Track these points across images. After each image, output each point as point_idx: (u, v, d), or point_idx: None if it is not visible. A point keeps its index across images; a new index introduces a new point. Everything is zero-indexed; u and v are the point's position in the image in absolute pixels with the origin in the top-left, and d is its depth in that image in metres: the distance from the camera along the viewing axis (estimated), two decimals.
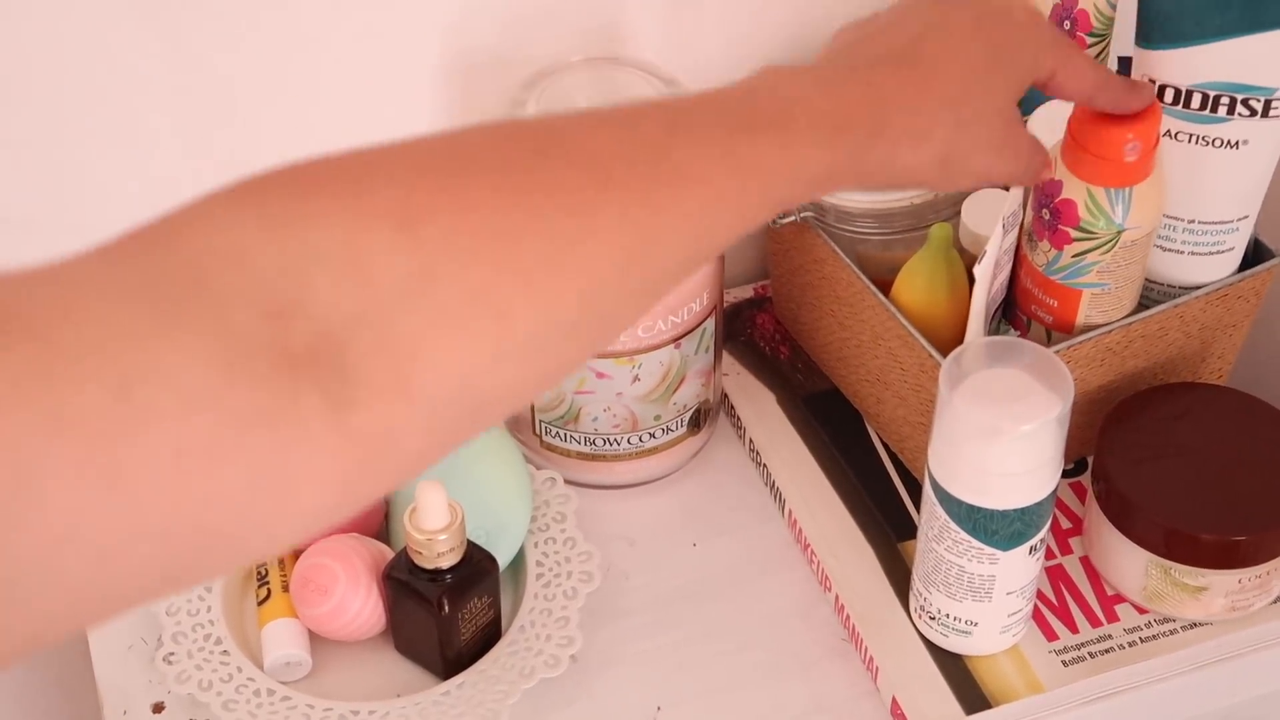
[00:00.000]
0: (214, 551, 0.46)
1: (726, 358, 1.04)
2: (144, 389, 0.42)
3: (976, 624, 0.86)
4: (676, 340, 0.93)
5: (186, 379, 0.43)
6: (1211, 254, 0.92)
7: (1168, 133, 0.87)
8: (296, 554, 0.93)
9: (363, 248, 0.48)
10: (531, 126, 0.57)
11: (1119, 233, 0.85)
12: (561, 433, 0.97)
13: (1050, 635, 0.89)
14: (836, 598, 0.93)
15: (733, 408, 1.03)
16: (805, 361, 1.04)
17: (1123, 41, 0.95)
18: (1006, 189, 0.83)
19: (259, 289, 0.46)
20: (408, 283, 0.48)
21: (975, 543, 0.83)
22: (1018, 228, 0.88)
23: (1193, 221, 0.90)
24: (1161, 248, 0.91)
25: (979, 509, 0.81)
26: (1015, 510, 0.81)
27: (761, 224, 0.62)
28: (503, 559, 0.91)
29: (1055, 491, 0.82)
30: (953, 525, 0.83)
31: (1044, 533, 0.84)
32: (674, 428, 0.98)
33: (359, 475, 0.48)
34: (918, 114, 0.67)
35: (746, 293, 1.10)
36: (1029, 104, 0.95)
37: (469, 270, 0.50)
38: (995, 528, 0.82)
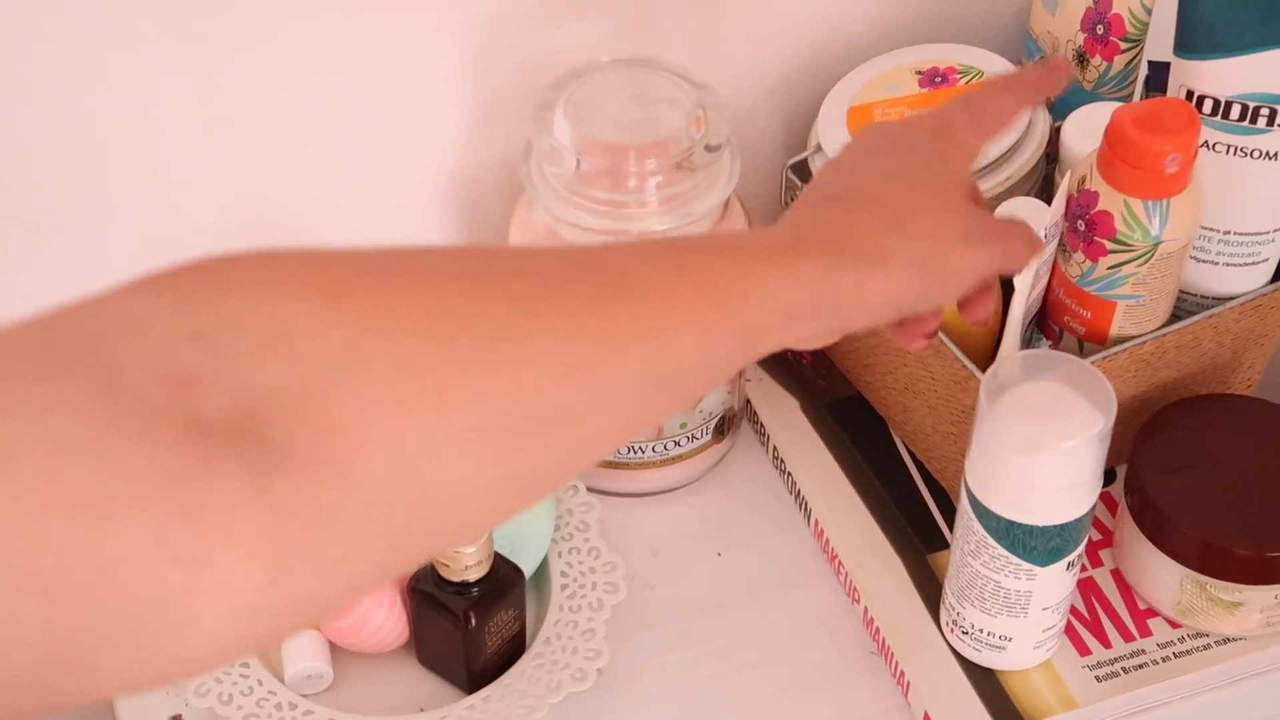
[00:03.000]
0: (117, 634, 0.42)
1: (750, 365, 1.02)
2: (9, 429, 0.40)
3: (1011, 639, 0.86)
4: None
5: (60, 425, 0.40)
6: (1246, 265, 0.91)
7: (1205, 144, 0.86)
8: None
9: (285, 318, 0.45)
10: (469, 247, 0.55)
11: (1155, 245, 0.84)
12: None
13: (1083, 650, 0.88)
14: (865, 610, 0.92)
15: (756, 414, 1.01)
16: (829, 367, 1.03)
17: (1155, 47, 0.94)
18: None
19: (161, 356, 0.43)
20: (336, 354, 0.46)
21: (1013, 559, 0.82)
22: (1058, 238, 0.87)
23: (1228, 233, 0.89)
24: (1196, 258, 0.90)
25: (1018, 525, 0.80)
26: (1055, 526, 0.80)
27: (743, 356, 0.60)
28: (526, 569, 0.90)
29: (1094, 507, 0.81)
30: (990, 540, 0.82)
31: (1082, 548, 0.83)
32: (699, 435, 0.97)
33: (290, 558, 0.44)
34: (870, 233, 0.65)
35: None
36: (1062, 109, 0.95)
37: (400, 341, 0.47)
38: (1034, 544, 0.81)
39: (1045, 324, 0.92)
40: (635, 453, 0.96)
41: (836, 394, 1.02)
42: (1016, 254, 0.72)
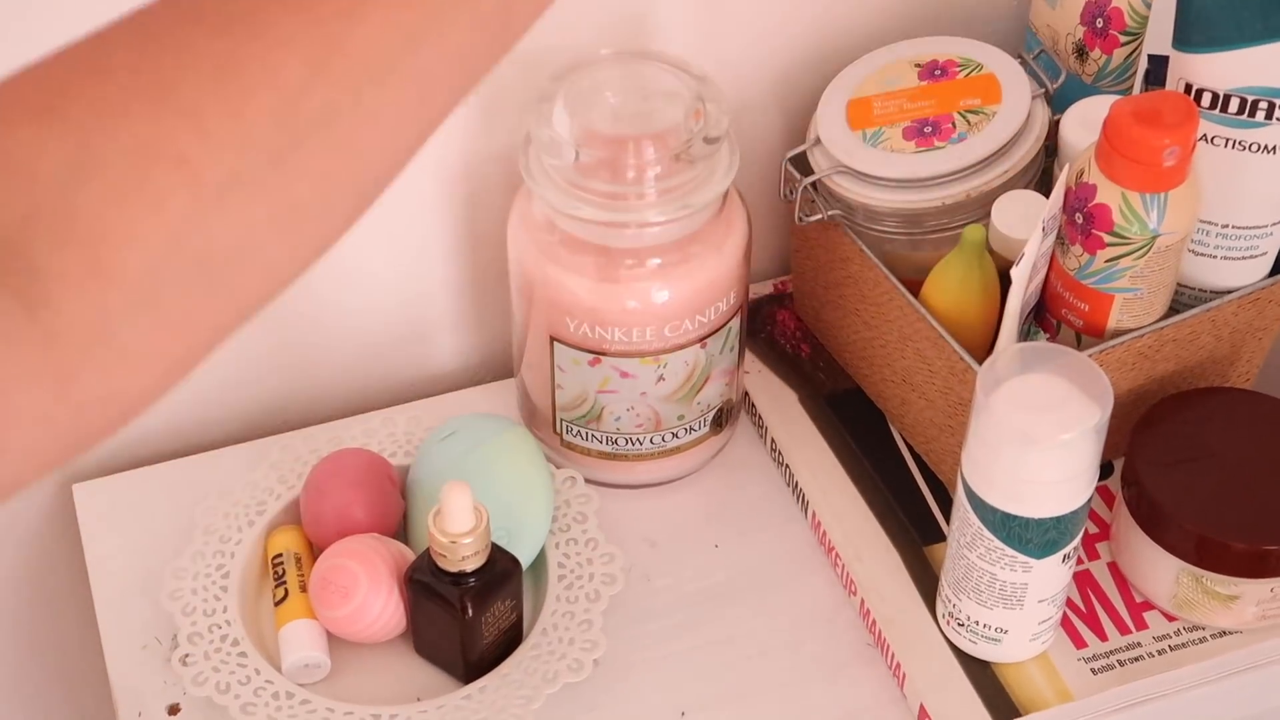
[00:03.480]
0: None
1: (747, 355, 1.02)
2: None
3: (1007, 631, 0.86)
4: (702, 340, 0.92)
5: None
6: (1244, 258, 0.91)
7: (1204, 137, 0.86)
8: (313, 553, 0.92)
9: (9, 145, 0.45)
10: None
11: (1153, 238, 0.84)
12: (583, 431, 0.96)
13: (1079, 643, 0.88)
14: (862, 602, 0.92)
15: (754, 406, 1.01)
16: (827, 360, 1.03)
17: (1155, 40, 0.94)
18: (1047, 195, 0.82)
19: None
20: (68, 165, 0.45)
21: (1009, 550, 0.82)
22: (1056, 231, 0.87)
23: (1227, 226, 0.89)
24: (1194, 252, 0.91)
25: (1014, 517, 0.81)
26: (1051, 519, 0.80)
27: (491, 34, 0.51)
28: (524, 560, 0.90)
29: (1091, 499, 0.82)
30: (986, 532, 0.82)
31: (1078, 540, 0.83)
32: (697, 427, 0.97)
33: (74, 370, 0.45)
34: None
35: (766, 289, 1.08)
36: (1061, 102, 0.95)
37: (127, 131, 0.45)
38: (1030, 536, 0.81)
39: (1043, 317, 0.92)
40: (633, 444, 0.96)
41: (835, 387, 1.02)
42: None
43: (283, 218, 0.48)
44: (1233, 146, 0.86)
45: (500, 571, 0.87)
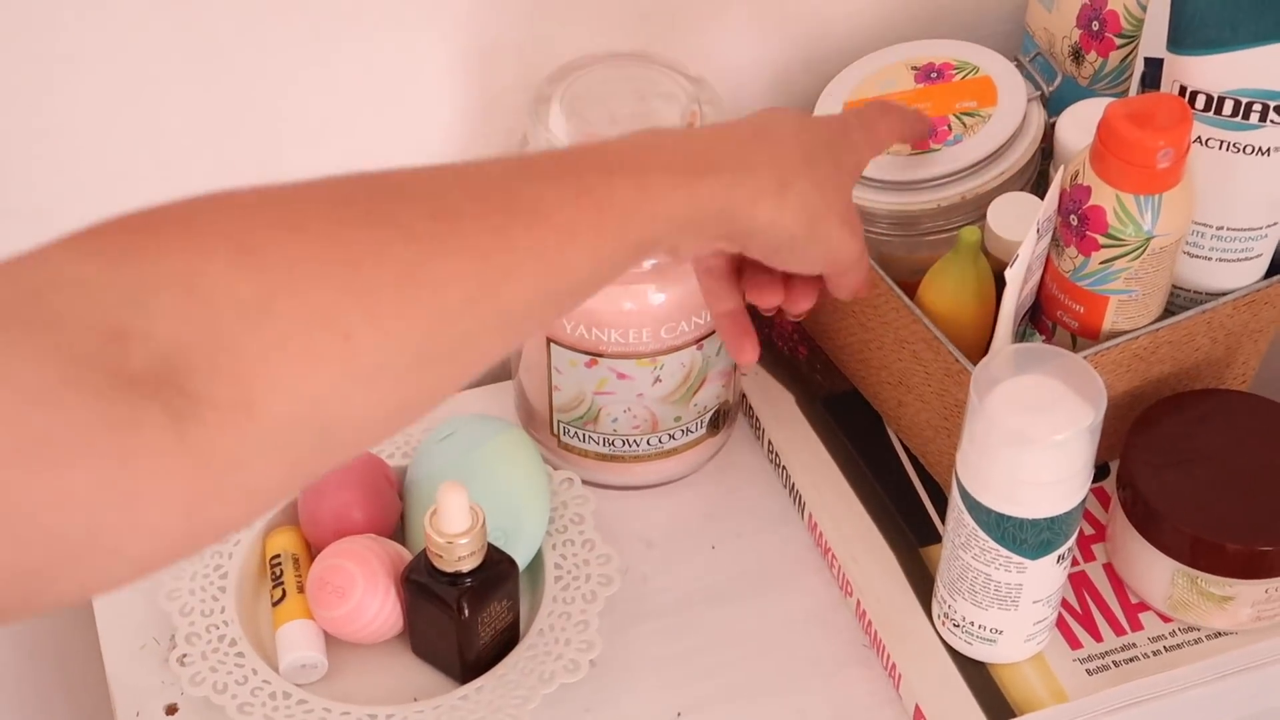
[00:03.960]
0: (63, 563, 0.46)
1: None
2: None
3: (1001, 632, 0.86)
4: (699, 341, 0.92)
5: (24, 380, 0.44)
6: (1239, 260, 0.91)
7: (1198, 139, 0.87)
8: (311, 554, 0.92)
9: (201, 274, 0.49)
10: (370, 174, 0.56)
11: (1148, 240, 0.84)
12: (580, 433, 0.96)
13: (1074, 643, 0.89)
14: (858, 603, 0.92)
15: (751, 409, 1.02)
16: (824, 362, 1.03)
17: (1151, 43, 0.94)
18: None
19: (96, 313, 0.47)
20: (247, 307, 0.49)
21: (1003, 551, 0.82)
22: (1051, 233, 0.87)
23: (1221, 228, 0.90)
24: (1189, 254, 0.91)
25: (1008, 517, 0.81)
26: (1045, 519, 0.81)
27: (630, 265, 0.61)
28: (520, 560, 0.90)
29: (1085, 500, 0.82)
30: (980, 533, 0.82)
31: (1072, 541, 0.83)
32: (694, 429, 0.97)
33: (204, 496, 0.48)
34: (777, 166, 0.68)
35: None
36: (1057, 104, 0.95)
37: (309, 294, 0.50)
38: (1024, 536, 0.81)
39: (1039, 319, 0.92)
40: (630, 446, 0.96)
41: (831, 389, 1.02)
42: (863, 265, 0.76)
43: (401, 410, 0.55)
44: (1227, 149, 0.87)
45: (497, 572, 0.87)
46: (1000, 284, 0.87)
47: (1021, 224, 0.88)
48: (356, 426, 0.53)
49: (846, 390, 1.02)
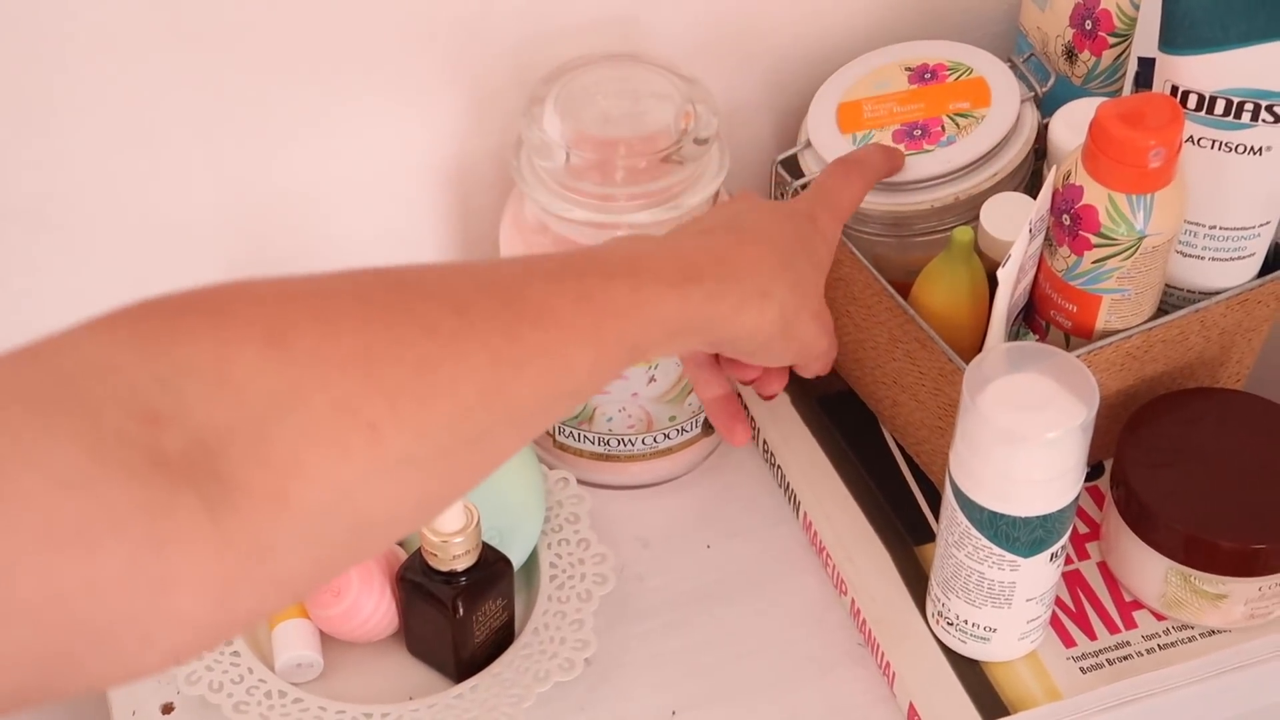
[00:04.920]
0: (92, 649, 0.46)
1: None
2: (12, 473, 0.44)
3: (995, 630, 0.86)
4: None
5: (56, 464, 0.45)
6: (1232, 259, 0.91)
7: (1190, 139, 0.87)
8: None
9: (232, 362, 0.50)
10: (388, 268, 0.59)
11: (1140, 239, 0.85)
12: (575, 433, 0.96)
13: (1068, 642, 0.89)
14: (852, 601, 0.92)
15: (746, 408, 1.02)
16: None
17: (1144, 43, 0.94)
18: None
19: (130, 397, 0.48)
20: (277, 396, 0.50)
21: (996, 549, 0.82)
22: (1043, 233, 0.87)
23: (1214, 227, 0.90)
24: (1182, 253, 0.91)
25: (1001, 515, 0.81)
26: (1038, 517, 0.81)
27: (623, 369, 0.64)
28: (516, 560, 0.90)
29: (1078, 499, 0.82)
30: (974, 531, 0.82)
31: (1065, 539, 0.83)
32: (688, 428, 0.97)
33: (237, 583, 0.49)
34: (758, 273, 0.72)
35: None
36: (1050, 104, 0.95)
37: (336, 386, 0.51)
38: (1017, 534, 0.81)
39: (1032, 318, 0.92)
40: (625, 445, 0.96)
41: (826, 388, 1.02)
42: (830, 357, 0.81)
43: (427, 502, 0.56)
44: (1219, 148, 0.87)
45: (492, 571, 0.87)
46: (993, 284, 0.87)
47: (1014, 224, 0.88)
48: (385, 518, 0.54)
49: (841, 390, 1.02)
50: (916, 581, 0.91)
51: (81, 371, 0.48)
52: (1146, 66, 0.95)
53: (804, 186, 0.95)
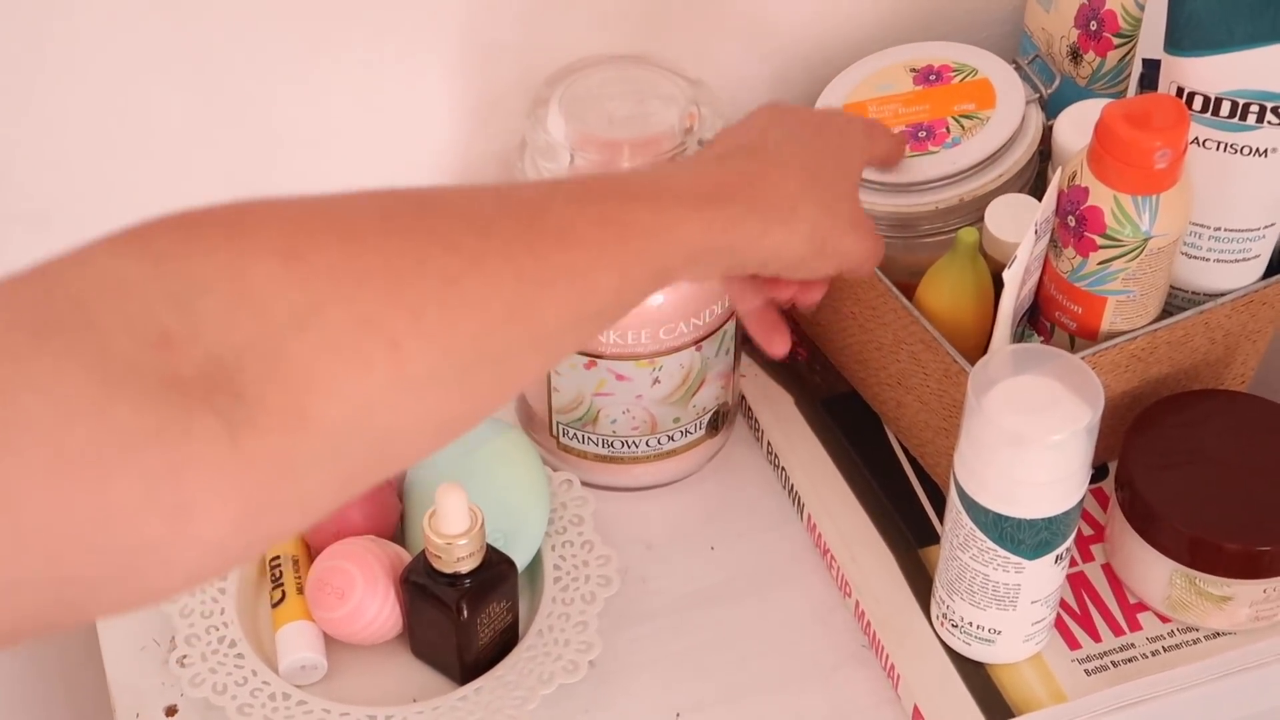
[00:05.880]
0: (110, 576, 0.45)
1: (744, 359, 1.03)
2: (19, 400, 0.43)
3: (1000, 632, 0.86)
4: (697, 343, 0.92)
5: (61, 392, 0.43)
6: (1237, 261, 0.91)
7: (1195, 140, 0.87)
8: (310, 555, 0.92)
9: (250, 278, 0.48)
10: (409, 189, 0.57)
11: (1145, 240, 0.85)
12: (579, 434, 0.96)
13: (1073, 644, 0.89)
14: (856, 603, 0.92)
15: (750, 410, 1.02)
16: (823, 363, 1.03)
17: (1148, 45, 0.94)
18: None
19: (142, 318, 0.46)
20: (296, 312, 0.49)
21: (1001, 551, 0.82)
22: (1049, 234, 0.87)
23: (1219, 229, 0.90)
24: (1187, 255, 0.91)
25: (1006, 518, 0.81)
26: (1043, 519, 0.81)
27: (648, 293, 0.64)
28: (520, 561, 0.90)
29: (1082, 501, 0.82)
30: (979, 534, 0.82)
31: (1070, 541, 0.83)
32: (693, 430, 0.97)
33: (258, 504, 0.47)
34: (783, 193, 0.71)
35: None
36: (1055, 106, 0.95)
37: (357, 302, 0.50)
38: (1022, 537, 0.81)
39: (1037, 319, 0.92)
40: (629, 447, 0.96)
41: (831, 390, 1.02)
42: (876, 258, 0.79)
43: (449, 423, 0.55)
44: (1224, 150, 0.87)
45: (496, 573, 0.87)
46: (998, 285, 0.87)
47: (1019, 225, 0.88)
48: (407, 436, 0.53)
49: (845, 391, 1.02)
50: (921, 583, 0.91)
51: (91, 291, 0.46)
52: (1151, 68, 0.95)
53: None
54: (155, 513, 0.45)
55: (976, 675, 0.88)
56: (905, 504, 0.96)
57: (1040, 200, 0.87)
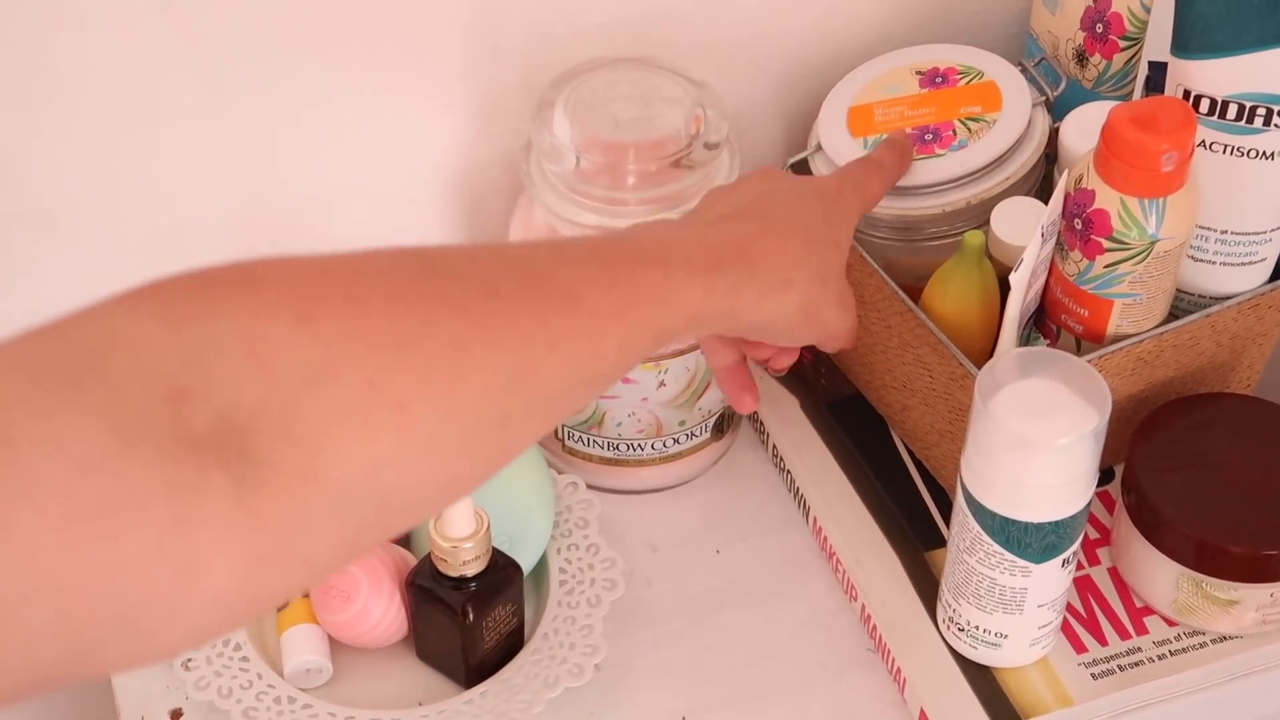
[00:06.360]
0: (116, 630, 0.46)
1: (750, 362, 1.03)
2: (31, 452, 0.43)
3: (1006, 636, 0.86)
4: None
5: (75, 446, 0.44)
6: (1244, 264, 0.91)
7: (1202, 143, 0.86)
8: None
9: (262, 338, 0.49)
10: (417, 248, 0.58)
11: (1152, 243, 0.84)
12: (584, 437, 0.96)
13: (1079, 647, 0.89)
14: (862, 607, 0.92)
15: (756, 413, 1.02)
16: (829, 366, 1.03)
17: (1154, 46, 0.94)
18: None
19: (157, 373, 0.47)
20: (307, 373, 0.49)
21: (1008, 555, 0.82)
22: (1055, 237, 0.87)
23: (1225, 232, 0.90)
24: (1193, 258, 0.91)
25: (1013, 521, 0.81)
26: (1049, 523, 0.81)
27: (646, 355, 0.65)
28: (525, 565, 0.90)
29: (1089, 504, 0.82)
30: (985, 537, 0.82)
31: (1077, 545, 0.83)
32: (698, 433, 0.97)
33: (266, 562, 0.48)
34: (781, 262, 0.72)
35: None
36: (1061, 108, 0.95)
37: (366, 364, 0.51)
38: (1029, 540, 0.81)
39: (1043, 323, 0.92)
40: (635, 450, 0.96)
41: (836, 393, 1.02)
42: (851, 336, 0.81)
43: (454, 483, 0.56)
44: (1231, 153, 0.87)
45: (501, 576, 0.87)
46: (1004, 288, 0.87)
47: (1025, 228, 0.88)
48: (412, 497, 0.54)
49: (851, 394, 1.02)
50: (927, 586, 0.91)
51: (106, 346, 0.47)
52: (1157, 70, 0.95)
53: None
54: (164, 566, 0.45)
55: (983, 679, 0.87)
56: (911, 507, 0.96)
57: (1046, 203, 0.87)
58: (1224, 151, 0.87)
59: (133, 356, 0.47)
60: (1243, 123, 0.85)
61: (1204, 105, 0.86)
